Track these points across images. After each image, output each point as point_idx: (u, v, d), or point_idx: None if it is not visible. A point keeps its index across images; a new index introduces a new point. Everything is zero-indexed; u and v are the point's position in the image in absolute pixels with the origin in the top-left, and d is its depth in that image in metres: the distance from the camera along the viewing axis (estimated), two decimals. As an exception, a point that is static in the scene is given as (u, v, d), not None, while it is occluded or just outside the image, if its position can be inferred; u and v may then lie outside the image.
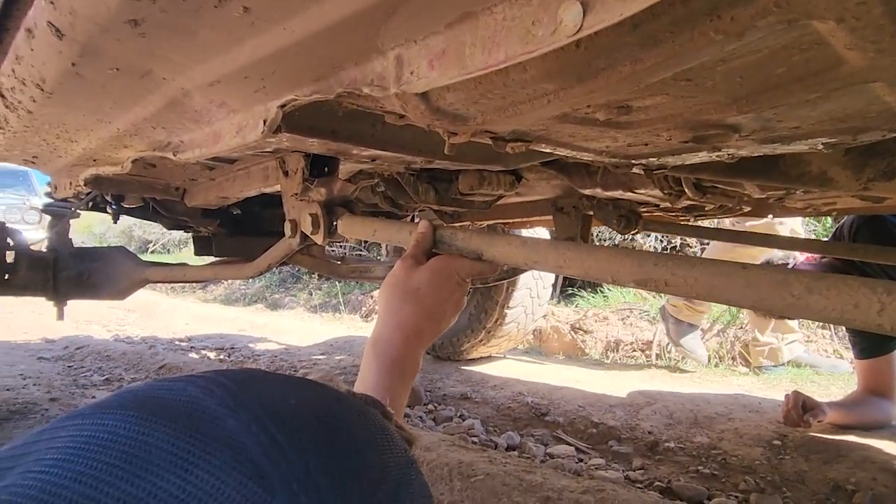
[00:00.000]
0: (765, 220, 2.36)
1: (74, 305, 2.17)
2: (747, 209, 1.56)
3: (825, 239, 2.38)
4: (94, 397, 2.41)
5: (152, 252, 9.36)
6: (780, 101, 0.59)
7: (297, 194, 1.16)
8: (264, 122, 0.71)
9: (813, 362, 2.92)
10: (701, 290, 0.55)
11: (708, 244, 3.43)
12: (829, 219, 3.77)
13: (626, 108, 0.62)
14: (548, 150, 0.83)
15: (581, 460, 1.77)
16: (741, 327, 3.39)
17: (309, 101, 0.64)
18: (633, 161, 0.92)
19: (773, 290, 0.50)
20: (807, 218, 3.66)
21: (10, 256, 1.96)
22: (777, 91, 0.57)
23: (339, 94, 0.59)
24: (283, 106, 0.67)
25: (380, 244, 5.03)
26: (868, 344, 1.96)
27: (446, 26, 0.48)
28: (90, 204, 1.99)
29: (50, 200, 2.09)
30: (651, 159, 0.90)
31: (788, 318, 2.29)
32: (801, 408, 1.86)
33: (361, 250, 6.17)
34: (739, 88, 0.57)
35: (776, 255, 2.28)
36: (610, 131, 0.72)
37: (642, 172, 1.02)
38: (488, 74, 0.57)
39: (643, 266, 0.59)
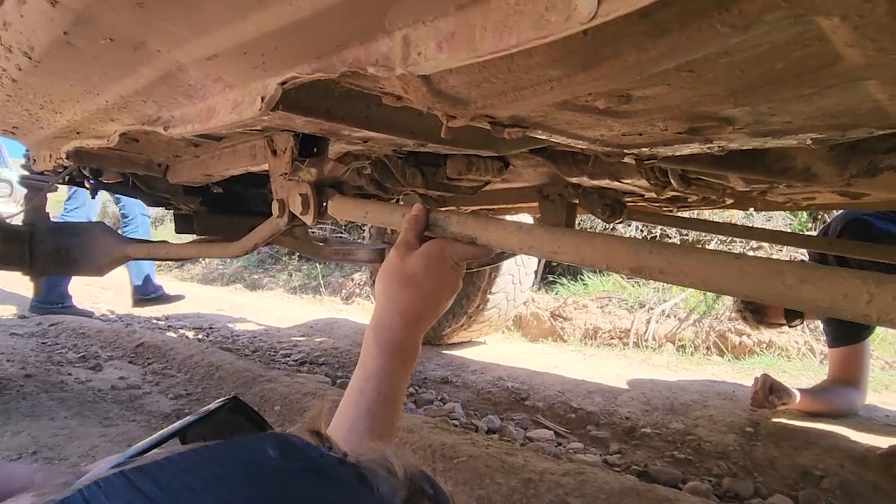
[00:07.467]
0: None
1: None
2: (730, 202, 1.59)
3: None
4: (69, 374, 2.37)
5: (127, 229, 9.19)
6: (776, 96, 0.60)
7: (286, 174, 1.14)
8: (262, 98, 0.70)
9: None
10: (696, 279, 0.56)
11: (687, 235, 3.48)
12: (805, 214, 3.85)
13: (627, 97, 0.62)
14: (543, 137, 0.83)
15: (560, 444, 1.80)
16: (716, 317, 3.46)
17: (310, 80, 0.63)
18: (625, 151, 0.93)
19: (766, 279, 0.51)
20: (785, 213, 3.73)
21: (-17, 230, 1.91)
22: (774, 85, 0.58)
23: (343, 74, 0.59)
24: (283, 83, 0.66)
25: (361, 227, 5.00)
26: (840, 333, 2.01)
27: (457, 8, 0.48)
28: (67, 178, 1.94)
29: (24, 173, 2.04)
30: (643, 149, 0.91)
31: (780, 326, 2.25)
32: (769, 390, 1.92)
33: (342, 233, 6.13)
34: (738, 82, 0.58)
35: None
36: (607, 120, 0.72)
37: (633, 162, 1.03)
38: (493, 59, 0.57)
39: (639, 254, 0.60)
